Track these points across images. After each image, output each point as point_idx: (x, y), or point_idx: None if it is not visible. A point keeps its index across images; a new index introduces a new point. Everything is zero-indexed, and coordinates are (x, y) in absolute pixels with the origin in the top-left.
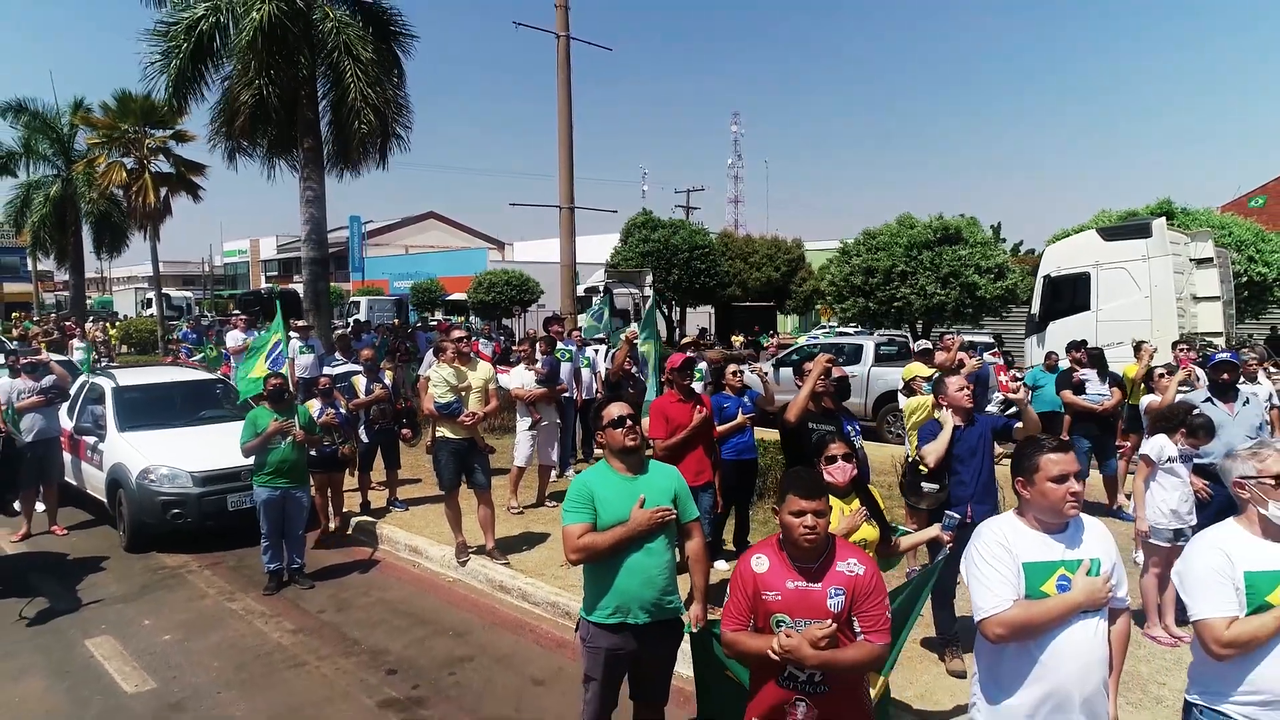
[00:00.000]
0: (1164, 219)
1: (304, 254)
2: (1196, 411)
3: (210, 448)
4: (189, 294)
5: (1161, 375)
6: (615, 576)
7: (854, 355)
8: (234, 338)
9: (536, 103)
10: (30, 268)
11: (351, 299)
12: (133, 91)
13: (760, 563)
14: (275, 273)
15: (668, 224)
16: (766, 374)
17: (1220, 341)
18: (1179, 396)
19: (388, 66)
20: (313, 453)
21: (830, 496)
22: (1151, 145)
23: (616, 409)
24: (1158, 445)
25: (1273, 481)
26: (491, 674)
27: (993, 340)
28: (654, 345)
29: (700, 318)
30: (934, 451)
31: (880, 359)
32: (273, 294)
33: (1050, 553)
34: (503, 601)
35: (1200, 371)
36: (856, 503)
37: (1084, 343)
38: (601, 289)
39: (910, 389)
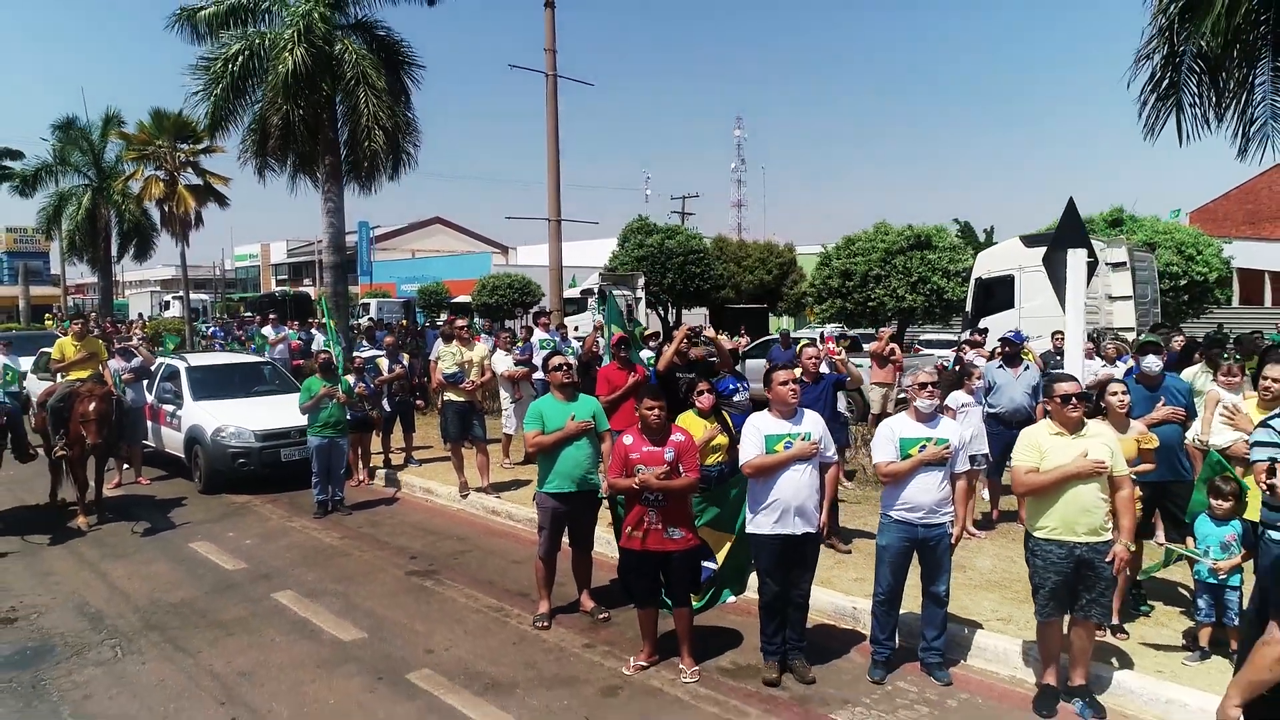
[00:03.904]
0: None
1: (325, 260)
2: (973, 370)
3: (265, 412)
4: (204, 297)
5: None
6: (556, 462)
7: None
8: (267, 332)
9: (540, 105)
10: (57, 271)
11: (361, 301)
12: (165, 108)
13: (628, 439)
14: (285, 276)
15: (663, 229)
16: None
17: (1131, 335)
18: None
19: (397, 92)
20: (348, 416)
21: (698, 416)
22: (1150, 149)
23: (556, 360)
24: (955, 398)
25: (918, 387)
26: (484, 559)
27: (958, 339)
28: (608, 331)
29: (695, 319)
30: None
31: None
32: (286, 296)
33: (781, 428)
34: (494, 520)
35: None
36: (715, 422)
37: (985, 331)
38: (597, 291)
39: None
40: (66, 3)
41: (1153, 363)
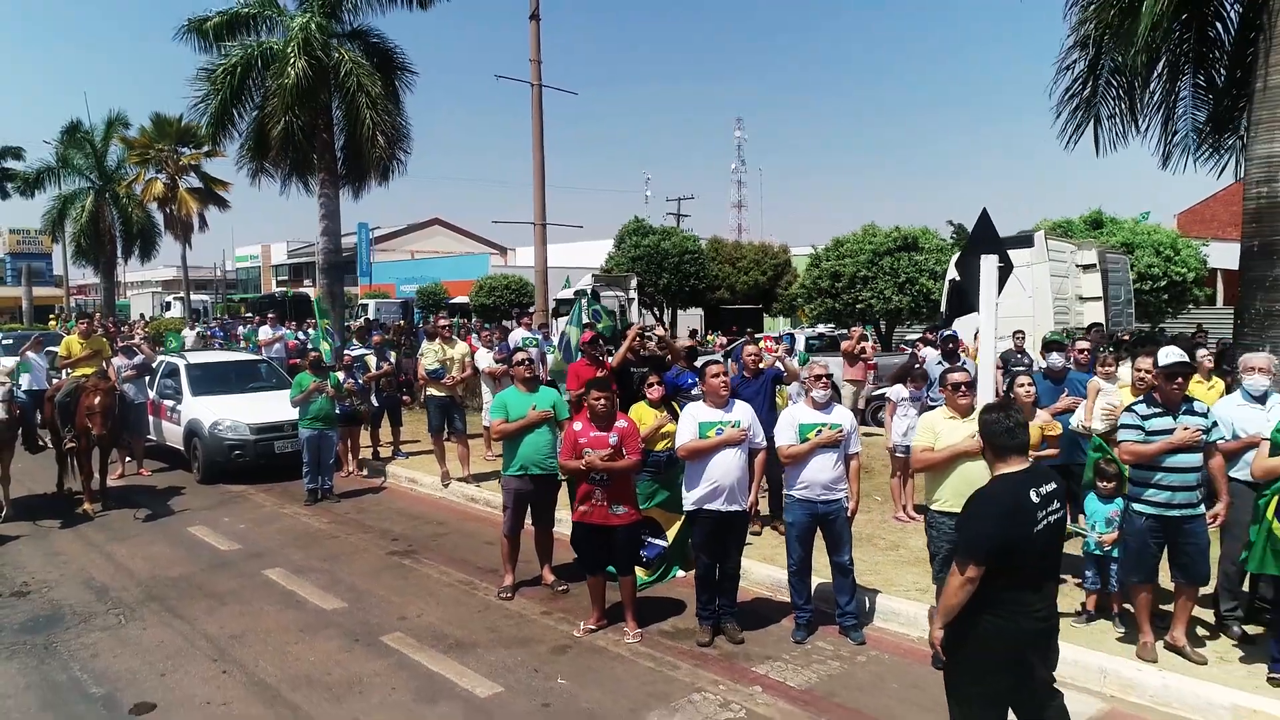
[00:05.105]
0: (1043, 233)
1: (321, 261)
2: (917, 365)
3: (260, 407)
4: (205, 297)
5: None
6: (519, 447)
7: (788, 345)
8: (265, 332)
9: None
10: (60, 272)
11: (360, 302)
12: (165, 112)
13: (577, 425)
14: (286, 277)
15: (659, 231)
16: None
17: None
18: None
19: (392, 98)
20: (338, 410)
21: (650, 406)
22: (1147, 150)
23: (519, 355)
24: (896, 391)
25: (813, 380)
26: (460, 541)
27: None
28: (576, 330)
29: (691, 319)
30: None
31: (808, 349)
32: (286, 297)
33: (714, 416)
34: (472, 507)
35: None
36: (664, 411)
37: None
38: (589, 291)
39: None
40: (69, 1)
41: (1056, 359)
